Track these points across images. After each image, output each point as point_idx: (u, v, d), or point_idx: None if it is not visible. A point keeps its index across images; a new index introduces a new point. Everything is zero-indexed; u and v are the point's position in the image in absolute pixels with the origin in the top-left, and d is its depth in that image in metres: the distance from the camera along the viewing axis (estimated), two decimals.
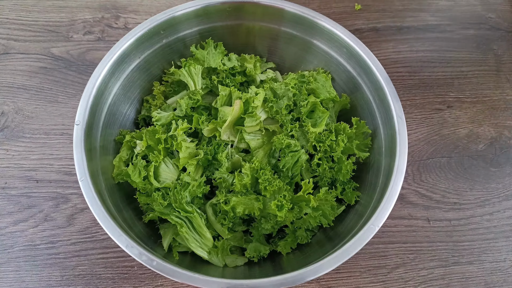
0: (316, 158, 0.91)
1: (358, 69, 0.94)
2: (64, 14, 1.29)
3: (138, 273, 0.97)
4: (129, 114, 0.99)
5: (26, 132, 1.11)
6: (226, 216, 0.86)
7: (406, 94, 1.23)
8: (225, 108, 0.95)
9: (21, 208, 1.02)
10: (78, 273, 0.96)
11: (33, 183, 1.05)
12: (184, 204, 0.84)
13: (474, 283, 1.00)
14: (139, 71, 0.97)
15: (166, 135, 0.89)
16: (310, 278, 0.72)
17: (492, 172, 1.14)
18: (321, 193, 0.86)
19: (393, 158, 0.83)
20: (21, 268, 0.96)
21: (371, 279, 0.99)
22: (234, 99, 0.96)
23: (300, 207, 0.87)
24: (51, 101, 1.15)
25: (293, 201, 0.86)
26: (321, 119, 0.93)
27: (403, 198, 1.08)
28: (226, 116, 0.94)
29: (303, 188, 0.85)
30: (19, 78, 1.18)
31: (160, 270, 0.68)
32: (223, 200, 0.85)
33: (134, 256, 0.69)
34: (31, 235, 0.99)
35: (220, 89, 0.94)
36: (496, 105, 1.23)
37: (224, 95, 0.94)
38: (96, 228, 1.01)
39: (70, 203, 1.03)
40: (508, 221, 1.07)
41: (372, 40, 1.31)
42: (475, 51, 1.31)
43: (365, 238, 0.75)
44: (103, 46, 1.25)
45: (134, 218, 0.87)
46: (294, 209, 0.86)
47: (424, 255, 1.02)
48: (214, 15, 0.98)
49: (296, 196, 0.87)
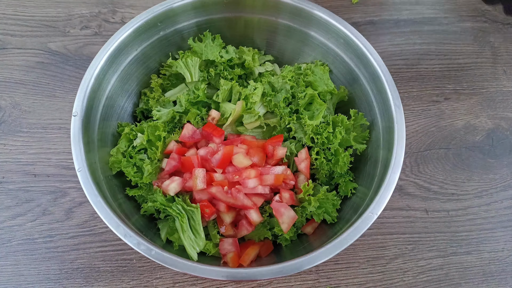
0: (314, 151, 0.91)
1: (356, 60, 0.94)
2: (61, 9, 1.29)
3: (137, 266, 0.97)
4: (127, 107, 0.99)
5: (23, 126, 1.11)
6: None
7: (404, 87, 1.23)
8: (226, 104, 0.97)
9: (19, 202, 1.02)
10: (77, 266, 0.96)
11: (31, 177, 1.05)
12: (187, 199, 0.84)
13: (473, 273, 1.01)
14: (136, 64, 0.97)
15: (166, 134, 0.90)
16: (308, 266, 0.72)
17: (490, 163, 1.14)
18: (321, 193, 0.87)
19: (390, 149, 0.83)
20: (20, 262, 0.96)
21: (370, 269, 0.99)
22: (235, 94, 0.96)
23: (303, 206, 0.88)
24: (48, 96, 1.15)
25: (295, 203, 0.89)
26: (319, 111, 0.94)
27: (401, 190, 1.09)
28: (227, 113, 0.95)
29: (303, 191, 0.86)
30: (16, 73, 1.18)
31: (159, 260, 0.68)
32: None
33: (132, 246, 0.69)
34: (29, 229, 0.99)
35: (222, 83, 0.94)
36: (493, 96, 1.23)
37: (225, 90, 0.94)
38: (94, 222, 1.01)
39: (68, 197, 1.03)
40: (506, 212, 1.08)
41: (369, 34, 1.31)
42: (472, 44, 1.31)
43: (363, 226, 0.75)
44: (100, 41, 1.25)
45: (132, 209, 0.86)
46: (297, 209, 0.89)
47: (423, 245, 1.03)
48: (211, 7, 0.98)
49: (299, 198, 0.89)
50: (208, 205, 0.84)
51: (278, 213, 0.85)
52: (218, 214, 0.87)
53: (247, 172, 0.85)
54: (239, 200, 0.84)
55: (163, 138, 0.89)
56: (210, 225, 0.89)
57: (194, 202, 0.87)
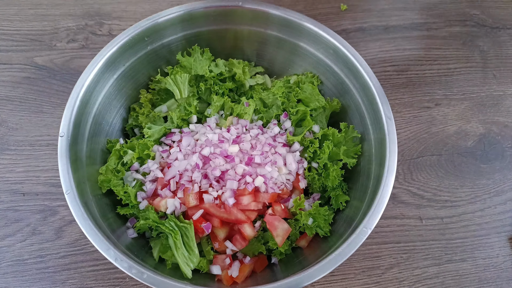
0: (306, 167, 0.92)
1: (346, 71, 0.94)
2: (47, 23, 1.27)
3: (130, 284, 0.95)
4: (115, 123, 0.98)
5: (10, 144, 1.08)
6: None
7: (395, 93, 1.23)
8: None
9: (7, 222, 1.00)
10: (69, 287, 0.94)
11: (19, 196, 1.03)
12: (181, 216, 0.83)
13: (468, 280, 1.01)
14: (124, 79, 0.96)
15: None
16: (306, 283, 0.72)
17: (482, 168, 1.14)
18: (313, 208, 0.87)
19: (383, 162, 0.83)
20: (10, 285, 0.94)
21: (366, 280, 0.99)
22: (227, 109, 0.96)
23: (296, 219, 0.88)
24: (35, 112, 1.13)
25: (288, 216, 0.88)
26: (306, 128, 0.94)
27: (394, 198, 1.08)
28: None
29: (295, 205, 0.86)
30: (1, 89, 1.16)
31: (151, 283, 0.67)
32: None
33: (124, 270, 0.68)
34: (18, 249, 0.97)
35: (215, 99, 0.94)
36: (484, 101, 1.23)
37: (218, 106, 0.94)
38: (85, 240, 0.99)
39: (58, 215, 1.01)
40: (499, 217, 1.08)
41: (359, 40, 1.31)
42: (461, 48, 1.32)
43: (358, 241, 0.75)
44: (88, 54, 1.23)
45: (123, 228, 0.85)
46: (291, 221, 0.88)
47: (418, 254, 1.02)
48: (199, 20, 0.97)
49: (291, 211, 0.89)
50: (202, 220, 0.83)
51: (272, 226, 0.84)
52: (212, 230, 0.86)
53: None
54: (233, 215, 0.83)
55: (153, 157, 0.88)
56: (204, 241, 0.88)
57: (187, 218, 0.86)
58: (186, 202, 0.84)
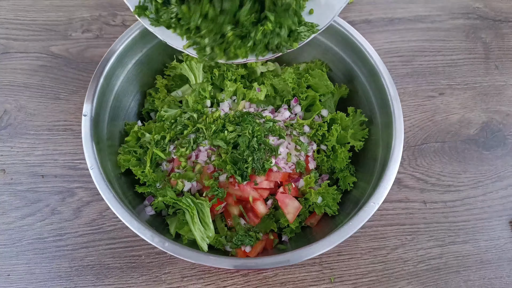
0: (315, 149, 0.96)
1: (354, 58, 0.97)
2: (62, 13, 1.31)
3: (146, 262, 0.99)
4: (132, 107, 1.02)
5: (29, 129, 1.13)
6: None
7: (400, 83, 1.27)
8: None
9: (27, 203, 1.04)
10: (87, 263, 0.98)
11: (38, 178, 1.07)
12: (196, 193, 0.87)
13: (470, 261, 1.04)
14: (141, 65, 0.99)
15: (173, 133, 0.92)
16: (312, 255, 0.76)
17: (485, 155, 1.18)
18: (322, 186, 0.90)
19: (389, 142, 0.87)
20: (31, 261, 0.98)
21: (372, 260, 1.03)
22: (239, 94, 1.00)
23: (306, 198, 0.92)
24: (52, 98, 1.17)
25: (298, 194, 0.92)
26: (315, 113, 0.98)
27: (399, 182, 1.12)
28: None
29: (305, 183, 0.90)
30: (19, 76, 1.20)
31: (172, 251, 0.70)
32: None
33: (146, 239, 0.72)
34: (39, 228, 1.01)
35: (228, 85, 0.97)
36: (486, 91, 1.27)
37: (231, 91, 0.98)
38: (102, 220, 1.03)
39: (76, 196, 1.05)
40: (501, 201, 1.12)
41: (365, 32, 1.33)
42: (465, 40, 1.35)
43: (365, 216, 0.79)
44: (102, 44, 1.27)
45: (141, 206, 0.89)
46: (301, 200, 0.92)
47: (422, 235, 1.06)
48: None
49: (301, 190, 0.92)
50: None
51: (283, 204, 0.88)
52: (225, 208, 0.90)
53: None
54: (246, 192, 0.87)
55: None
56: (218, 219, 0.92)
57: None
58: (201, 181, 0.87)
